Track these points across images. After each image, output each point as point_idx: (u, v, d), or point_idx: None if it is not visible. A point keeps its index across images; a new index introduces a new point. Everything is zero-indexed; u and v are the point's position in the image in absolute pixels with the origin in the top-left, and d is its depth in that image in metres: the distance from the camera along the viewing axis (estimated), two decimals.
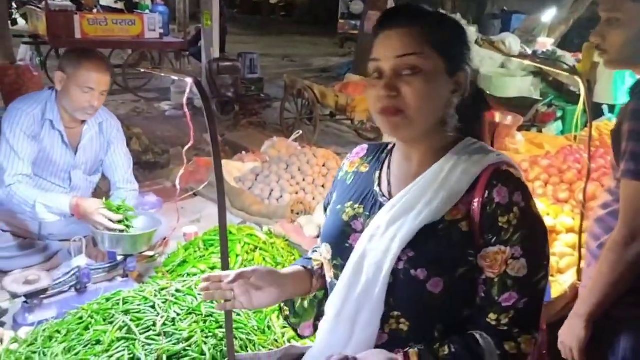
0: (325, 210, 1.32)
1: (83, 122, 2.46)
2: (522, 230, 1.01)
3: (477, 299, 1.05)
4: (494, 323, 1.03)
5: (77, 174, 2.51)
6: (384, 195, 1.16)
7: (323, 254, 1.22)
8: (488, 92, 6.65)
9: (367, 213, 1.15)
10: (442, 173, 1.08)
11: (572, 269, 2.21)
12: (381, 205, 1.13)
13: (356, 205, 1.17)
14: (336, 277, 1.17)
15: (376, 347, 1.08)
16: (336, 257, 1.17)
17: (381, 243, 1.07)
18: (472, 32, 9.28)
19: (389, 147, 1.25)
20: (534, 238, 1.03)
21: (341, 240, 1.16)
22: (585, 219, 2.10)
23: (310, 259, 1.34)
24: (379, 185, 1.18)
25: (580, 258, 2.15)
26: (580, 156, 3.11)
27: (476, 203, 1.04)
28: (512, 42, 8.71)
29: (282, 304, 1.35)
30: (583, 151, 3.13)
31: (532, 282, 1.02)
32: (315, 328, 1.32)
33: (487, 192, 1.03)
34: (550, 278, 2.09)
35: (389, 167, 1.20)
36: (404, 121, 1.05)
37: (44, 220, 2.36)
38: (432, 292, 1.04)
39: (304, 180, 3.15)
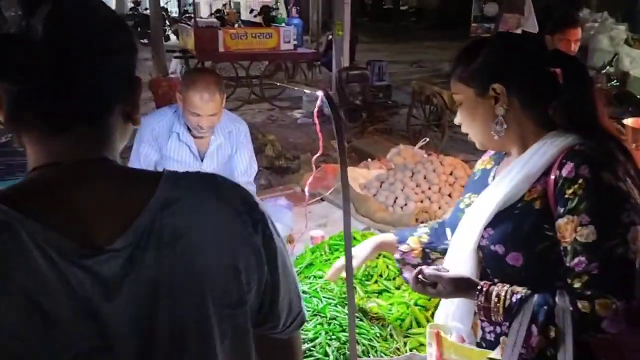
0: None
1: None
2: (588, 199, 1.08)
3: (561, 270, 1.14)
4: (570, 286, 1.12)
5: None
6: None
7: (448, 236, 1.46)
8: (639, 97, 6.05)
9: None
10: (524, 158, 1.22)
11: None
12: None
13: (474, 196, 1.36)
14: None
15: None
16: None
17: (470, 222, 1.27)
18: (621, 30, 8.51)
19: None
20: (602, 205, 1.09)
21: (456, 224, 1.37)
22: None
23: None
24: (493, 178, 1.35)
25: None
26: None
27: (550, 182, 1.15)
28: None
29: None
30: None
31: (604, 247, 1.07)
32: None
33: (557, 171, 1.14)
34: None
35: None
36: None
37: None
38: (513, 265, 1.19)
39: (429, 188, 3.12)
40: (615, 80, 7.02)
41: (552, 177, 1.15)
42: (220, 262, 0.75)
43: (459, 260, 1.30)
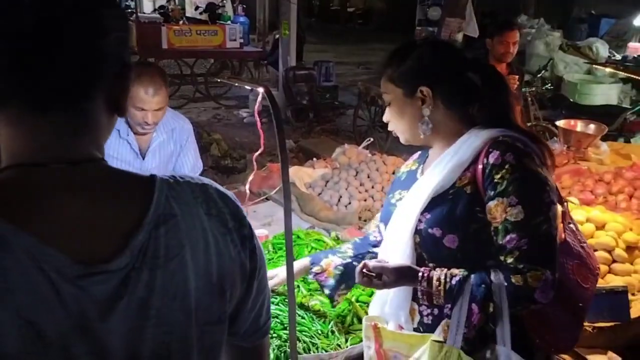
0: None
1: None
2: (515, 182, 1.20)
3: (493, 249, 1.24)
4: (504, 263, 1.22)
5: None
6: None
7: (382, 230, 1.53)
8: (572, 100, 6.36)
9: None
10: (454, 149, 1.32)
11: None
12: None
13: (403, 192, 1.45)
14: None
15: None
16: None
17: (406, 209, 1.35)
18: (556, 37, 8.91)
19: None
20: (527, 188, 1.21)
21: (390, 217, 1.45)
22: None
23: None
24: (421, 174, 1.44)
25: None
26: None
27: (478, 169, 1.25)
28: (600, 47, 8.28)
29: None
30: None
31: (531, 224, 1.19)
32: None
33: (485, 159, 1.25)
34: (631, 297, 1.97)
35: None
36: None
37: None
38: (449, 247, 1.28)
39: (372, 187, 3.16)
40: (550, 84, 7.35)
41: (480, 165, 1.25)
42: (208, 282, 0.74)
43: (395, 248, 1.37)
